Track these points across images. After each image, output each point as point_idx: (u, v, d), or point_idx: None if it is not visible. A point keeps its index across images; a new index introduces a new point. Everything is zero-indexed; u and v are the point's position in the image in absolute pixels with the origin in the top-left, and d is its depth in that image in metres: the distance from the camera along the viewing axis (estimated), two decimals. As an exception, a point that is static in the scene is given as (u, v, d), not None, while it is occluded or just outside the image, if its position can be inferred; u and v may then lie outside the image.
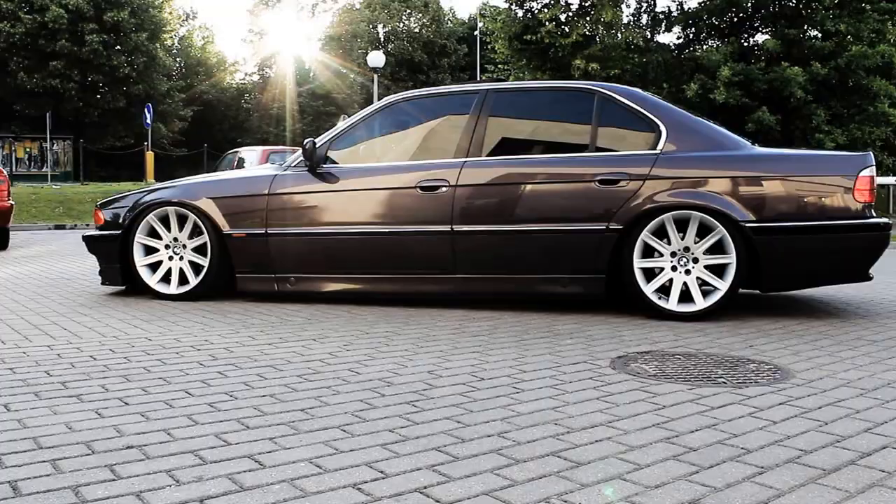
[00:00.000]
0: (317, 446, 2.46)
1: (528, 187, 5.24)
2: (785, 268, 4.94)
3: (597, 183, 5.09)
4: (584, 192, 5.12)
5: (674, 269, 5.05)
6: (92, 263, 8.33)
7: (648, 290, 5.04)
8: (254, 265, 5.71)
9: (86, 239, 6.27)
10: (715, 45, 22.93)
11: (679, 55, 23.62)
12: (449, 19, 54.39)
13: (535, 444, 2.51)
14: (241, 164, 17.84)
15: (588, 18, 23.68)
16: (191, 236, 5.86)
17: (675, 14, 24.02)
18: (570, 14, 23.97)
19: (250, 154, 18.33)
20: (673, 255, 5.04)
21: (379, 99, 23.92)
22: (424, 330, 4.59)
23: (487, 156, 5.40)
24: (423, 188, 5.36)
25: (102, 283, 6.17)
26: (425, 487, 2.12)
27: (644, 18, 24.35)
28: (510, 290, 5.30)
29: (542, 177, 5.24)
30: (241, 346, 4.07)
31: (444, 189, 5.32)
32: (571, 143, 5.37)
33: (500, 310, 5.32)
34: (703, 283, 5.04)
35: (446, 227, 5.30)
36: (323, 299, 5.67)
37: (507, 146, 5.51)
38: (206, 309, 5.39)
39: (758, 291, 5.48)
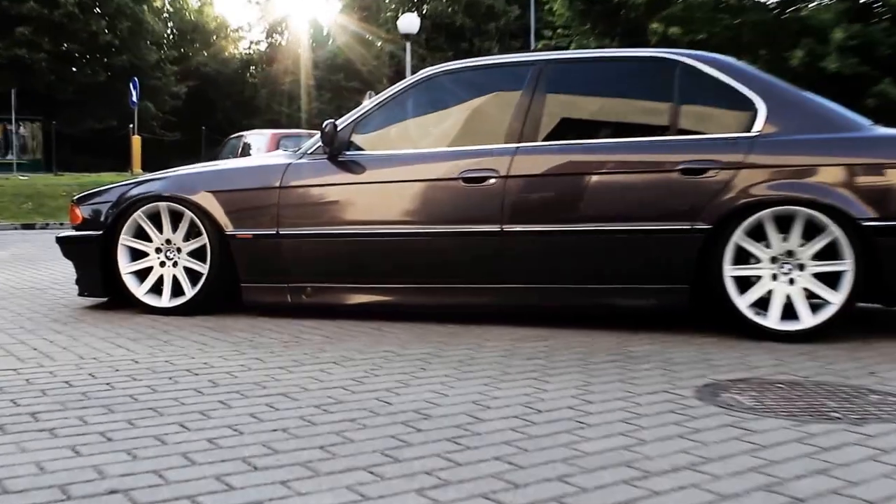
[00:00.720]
0: (339, 491, 2.48)
1: (594, 178, 5.24)
2: (914, 277, 4.88)
3: (679, 173, 5.07)
4: (663, 184, 5.10)
5: (774, 277, 5.01)
6: (67, 270, 8.41)
7: (743, 303, 5.01)
8: (263, 272, 5.77)
9: (60, 241, 6.37)
10: (826, 2, 22.68)
11: (780, 15, 23.40)
12: (497, -26, 54.41)
13: (605, 490, 2.50)
14: (246, 150, 18.02)
15: (667, -29, 23.57)
16: (187, 238, 5.93)
17: (775, -36, 23.86)
18: (646, -34, 23.88)
19: (258, 139, 18.51)
20: (773, 260, 5.00)
21: (413, 72, 24.01)
22: (468, 351, 4.61)
23: (544, 140, 5.41)
24: (467, 180, 5.38)
25: (80, 294, 6.27)
26: (470, 543, 2.13)
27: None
28: (571, 303, 5.30)
29: (610, 165, 5.24)
30: (247, 371, 4.11)
31: (492, 181, 5.33)
32: (647, 125, 5.36)
33: (559, 327, 5.32)
34: (810, 295, 4.99)
35: (495, 227, 5.31)
36: (346, 314, 5.70)
37: (568, 129, 5.50)
38: (206, 325, 5.45)
39: (880, 306, 5.41)
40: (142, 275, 6.01)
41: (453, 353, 4.55)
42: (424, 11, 49.25)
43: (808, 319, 4.91)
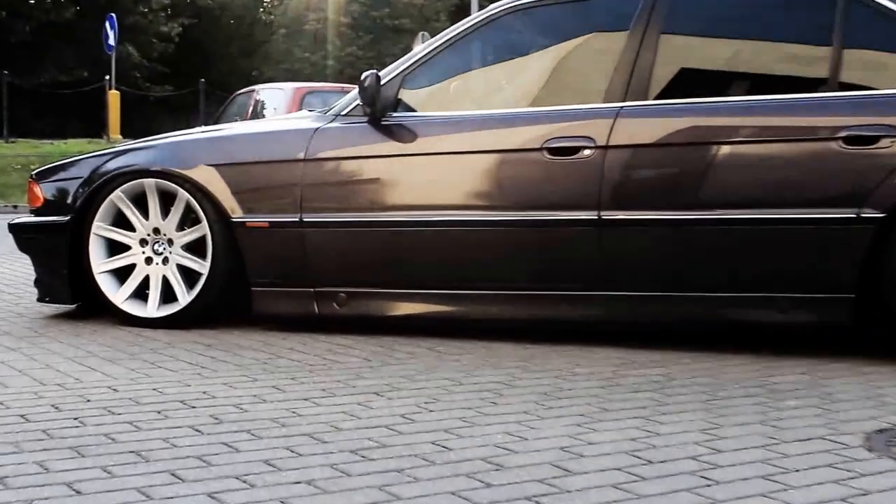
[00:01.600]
0: (382, 567, 2.47)
1: (724, 150, 5.21)
2: None
3: (840, 142, 5.01)
4: (819, 156, 5.05)
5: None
6: (23, 268, 8.49)
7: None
8: (281, 273, 5.79)
9: (14, 229, 6.44)
10: None
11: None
12: None
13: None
14: (259, 110, 18.07)
15: None
16: (181, 226, 5.97)
17: None
18: None
19: (274, 96, 18.55)
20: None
21: (480, 7, 23.96)
22: (554, 381, 4.59)
23: (657, 98, 5.38)
24: (553, 151, 5.36)
25: (40, 300, 6.33)
26: None
27: None
28: (692, 317, 5.28)
29: (746, 132, 5.21)
30: (259, 402, 4.12)
31: (587, 152, 5.30)
32: (796, 78, 5.34)
33: (676, 348, 5.29)
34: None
35: (590, 214, 5.28)
36: (391, 328, 5.71)
37: (689, 83, 5.48)
38: (205, 342, 5.48)
39: None
40: (122, 274, 6.05)
41: (534, 383, 4.53)
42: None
43: None
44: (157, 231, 5.99)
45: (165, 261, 5.97)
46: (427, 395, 4.29)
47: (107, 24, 28.55)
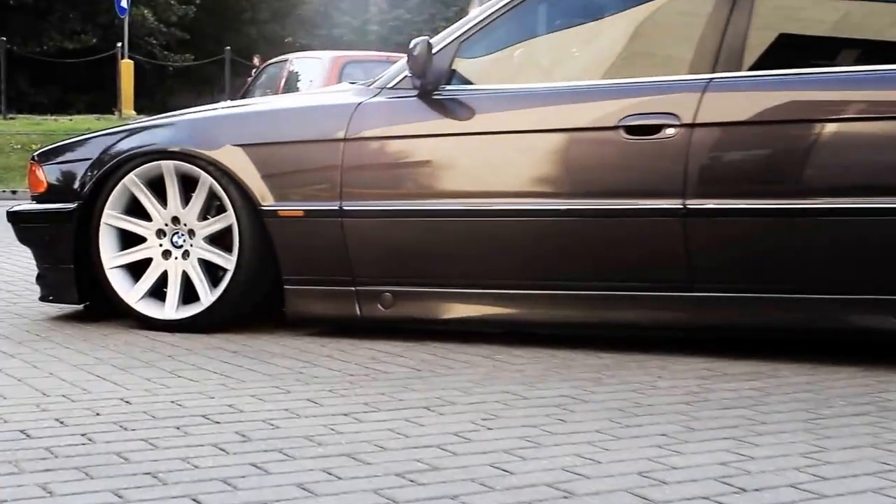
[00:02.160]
0: None
1: (831, 129, 5.18)
2: None
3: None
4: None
5: None
6: (24, 262, 8.54)
7: None
8: (318, 269, 5.81)
9: (13, 218, 6.48)
10: None
11: None
12: None
13: None
14: (292, 82, 18.12)
15: None
16: (204, 215, 5.99)
17: None
18: None
19: (310, 66, 18.59)
20: None
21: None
22: (631, 394, 4.58)
23: (752, 70, 5.36)
24: (630, 130, 5.34)
25: (43, 299, 6.37)
26: None
27: None
28: (791, 321, 5.27)
29: (856, 108, 5.20)
30: (294, 418, 4.13)
31: (670, 131, 5.28)
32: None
33: (774, 357, 5.27)
34: None
35: (675, 203, 5.26)
36: (443, 334, 5.72)
37: (789, 51, 5.47)
38: (231, 349, 5.50)
39: None
40: (136, 270, 6.08)
41: (608, 397, 4.52)
42: None
43: None
44: (176, 220, 6.01)
45: (186, 254, 5.99)
46: (484, 410, 4.28)
47: (119, -15, 28.67)
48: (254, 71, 18.42)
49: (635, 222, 5.35)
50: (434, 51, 5.66)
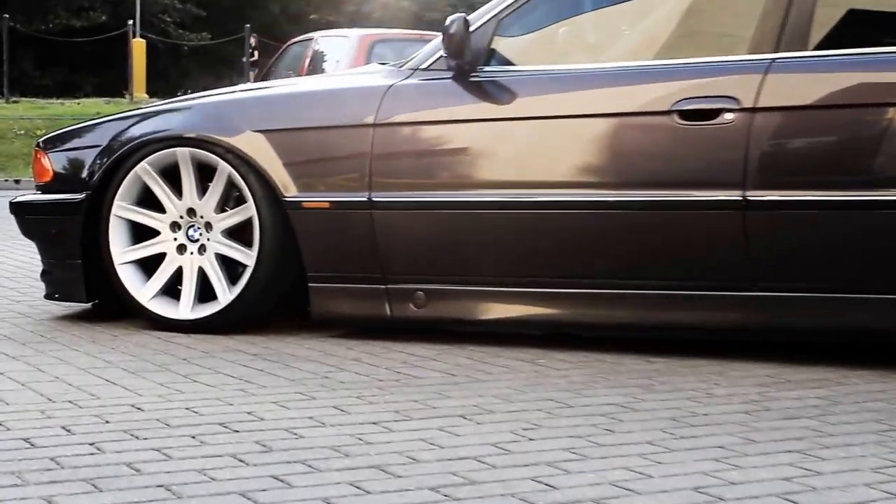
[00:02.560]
0: None
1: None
2: None
3: None
4: None
5: None
6: (27, 257, 8.60)
7: None
8: (346, 265, 5.81)
9: (17, 209, 6.50)
10: None
11: None
12: None
13: None
14: (318, 63, 18.15)
15: None
16: (222, 207, 6.00)
17: None
18: None
19: (336, 45, 18.66)
20: None
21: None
22: (685, 402, 4.56)
23: (819, 49, 5.34)
24: (685, 115, 5.32)
25: (48, 297, 6.39)
26: None
27: None
28: (860, 324, 5.24)
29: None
30: (318, 427, 4.13)
31: (729, 116, 5.26)
32: None
33: (839, 364, 5.24)
34: None
35: (733, 194, 5.24)
36: (481, 336, 5.72)
37: (860, 29, 5.45)
38: (251, 351, 5.50)
39: None
40: (149, 266, 6.09)
41: (660, 406, 4.51)
42: None
43: None
44: (192, 212, 6.02)
45: (202, 249, 6.00)
46: (526, 419, 4.26)
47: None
48: (249, 51, 18.48)
49: (690, 215, 5.33)
50: (471, 29, 5.65)
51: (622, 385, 4.85)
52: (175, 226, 6.03)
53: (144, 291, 6.01)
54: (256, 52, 22.21)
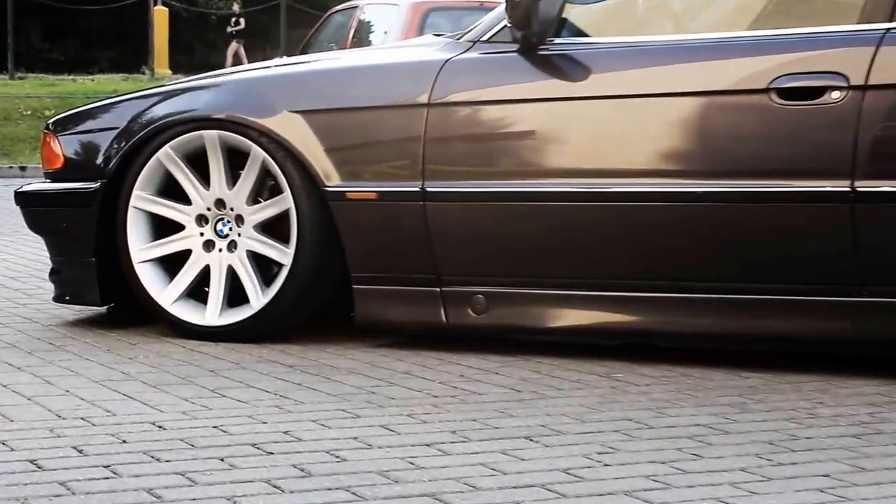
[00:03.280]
0: None
1: None
2: None
3: None
4: None
5: None
6: (36, 253, 8.64)
7: None
8: (394, 264, 5.83)
9: (23, 200, 6.55)
10: None
11: None
12: None
13: None
14: (363, 34, 18.19)
15: None
16: (255, 198, 6.03)
17: None
18: None
19: (385, 13, 18.66)
20: None
21: None
22: (784, 424, 4.54)
23: (940, 18, 5.32)
24: (784, 93, 5.31)
25: (58, 300, 6.43)
26: None
27: None
28: None
29: None
30: (364, 449, 4.13)
31: (835, 95, 5.24)
32: None
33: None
34: None
35: (841, 185, 5.22)
36: (549, 346, 5.72)
37: None
38: (287, 361, 5.53)
39: None
40: (171, 265, 6.12)
41: (756, 428, 4.49)
42: None
43: None
44: (221, 204, 6.04)
45: (232, 246, 6.02)
46: (601, 441, 4.26)
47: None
48: (234, 20, 18.48)
49: (791, 209, 5.32)
50: (541, -5, 5.67)
51: (711, 403, 4.84)
52: (202, 219, 6.06)
53: (166, 294, 6.03)
54: (242, 20, 22.11)
